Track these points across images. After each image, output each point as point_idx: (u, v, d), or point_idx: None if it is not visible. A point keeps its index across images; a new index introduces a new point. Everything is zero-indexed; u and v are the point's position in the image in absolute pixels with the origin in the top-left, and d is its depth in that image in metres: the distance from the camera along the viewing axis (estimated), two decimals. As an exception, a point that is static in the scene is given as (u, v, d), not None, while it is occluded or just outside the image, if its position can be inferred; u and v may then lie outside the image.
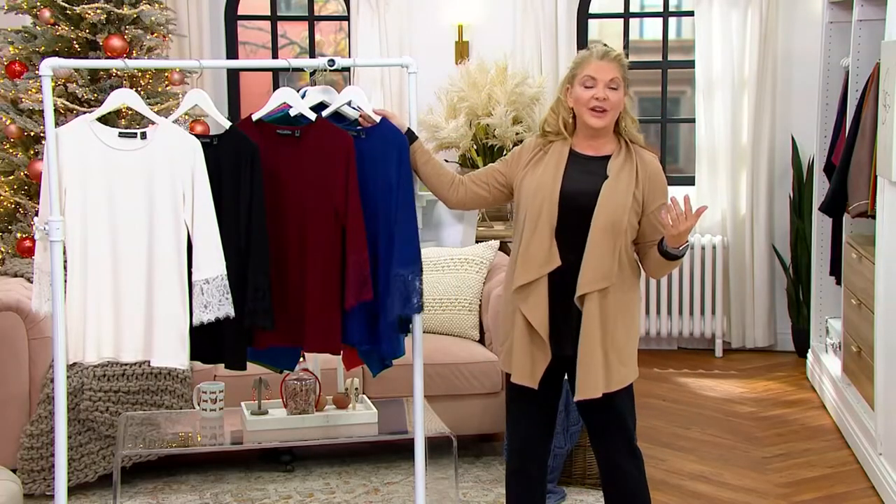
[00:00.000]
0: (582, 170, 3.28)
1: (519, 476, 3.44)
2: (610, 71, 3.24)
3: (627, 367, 3.30)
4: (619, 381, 3.28)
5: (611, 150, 3.30)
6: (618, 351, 3.25)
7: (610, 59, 3.26)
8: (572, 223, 3.21)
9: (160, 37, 5.62)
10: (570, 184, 3.25)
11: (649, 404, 5.57)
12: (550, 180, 3.26)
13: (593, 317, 3.21)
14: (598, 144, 3.31)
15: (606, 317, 3.22)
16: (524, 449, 3.41)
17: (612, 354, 3.24)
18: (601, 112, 3.25)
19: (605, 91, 3.24)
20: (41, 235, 3.33)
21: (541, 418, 3.41)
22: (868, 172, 4.81)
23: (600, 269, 3.19)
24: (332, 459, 4.77)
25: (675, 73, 6.97)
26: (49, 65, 3.30)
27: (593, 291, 3.20)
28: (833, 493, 4.47)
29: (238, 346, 3.42)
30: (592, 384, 3.22)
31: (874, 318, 4.55)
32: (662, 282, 6.62)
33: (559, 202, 3.23)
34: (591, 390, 3.23)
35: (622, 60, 3.28)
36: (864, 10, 5.28)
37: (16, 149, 5.35)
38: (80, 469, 4.36)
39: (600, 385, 3.23)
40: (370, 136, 3.47)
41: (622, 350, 3.26)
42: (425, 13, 6.69)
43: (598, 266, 3.19)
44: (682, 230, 3.13)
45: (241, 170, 3.33)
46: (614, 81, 3.24)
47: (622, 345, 3.26)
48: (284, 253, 3.41)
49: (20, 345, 4.36)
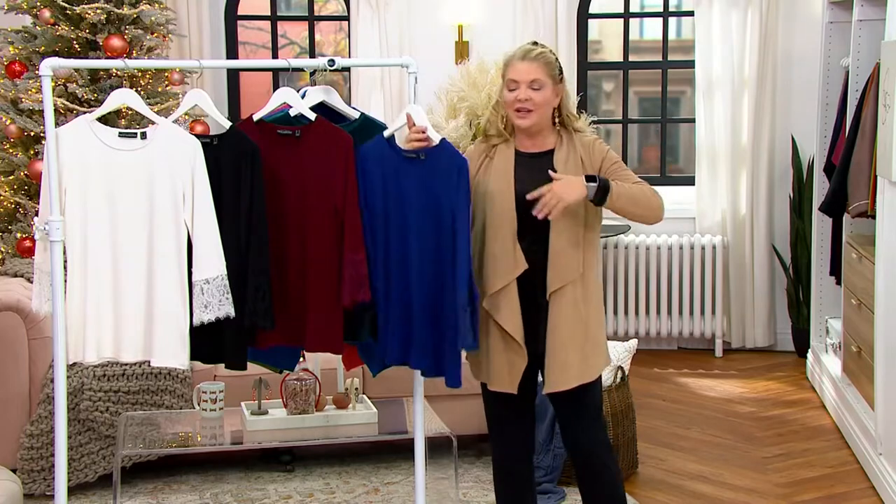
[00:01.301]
0: (530, 169, 3.26)
1: (508, 478, 3.46)
2: (531, 71, 3.21)
3: (600, 355, 3.32)
4: (597, 370, 3.30)
5: (553, 144, 3.29)
6: (592, 340, 3.26)
7: (531, 59, 3.22)
8: (532, 223, 3.20)
9: (160, 37, 5.62)
10: (522, 186, 3.23)
11: (649, 404, 5.57)
12: (503, 186, 3.25)
13: (563, 310, 3.21)
14: (538, 141, 3.30)
15: (577, 307, 3.23)
16: (510, 453, 3.43)
17: (587, 345, 3.25)
18: (525, 113, 3.23)
19: (528, 92, 3.21)
20: (41, 235, 3.33)
21: (521, 418, 3.41)
22: (868, 172, 4.81)
23: (568, 264, 3.21)
24: (332, 459, 4.77)
25: (675, 73, 6.97)
26: (49, 65, 3.30)
27: (563, 286, 3.21)
28: (833, 493, 4.47)
29: (238, 346, 3.41)
30: (564, 377, 3.23)
31: (874, 318, 4.55)
32: (662, 282, 6.62)
33: (516, 206, 3.22)
34: (563, 383, 3.24)
35: (546, 58, 3.24)
36: (864, 10, 5.28)
37: (16, 149, 5.36)
38: (80, 469, 4.36)
39: (573, 377, 3.24)
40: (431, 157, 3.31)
41: (596, 338, 3.28)
42: (425, 13, 6.69)
43: (565, 262, 3.20)
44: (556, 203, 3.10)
45: (241, 170, 3.33)
46: (536, 82, 3.21)
47: (595, 333, 3.28)
48: (285, 253, 3.41)
49: (20, 345, 4.36)
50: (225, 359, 3.44)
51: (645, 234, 6.69)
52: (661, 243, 6.63)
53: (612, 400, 4.47)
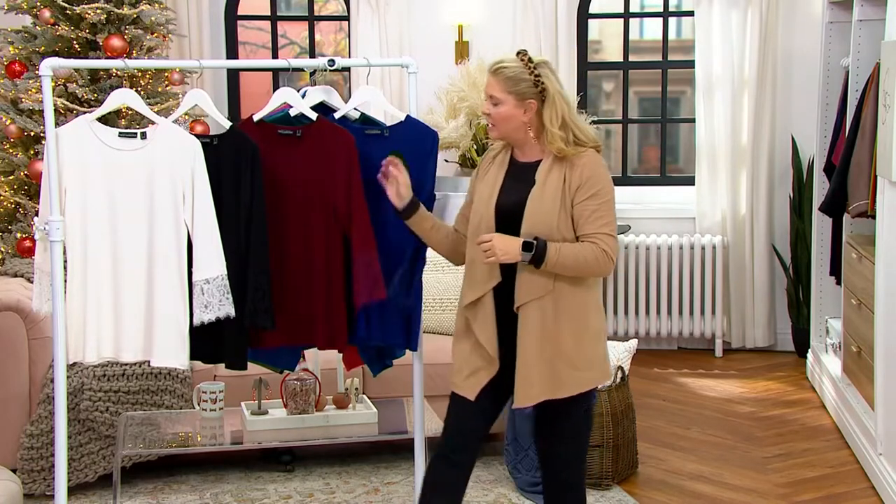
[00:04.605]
0: (516, 178, 3.21)
1: (443, 461, 3.31)
2: (490, 86, 3.17)
3: (584, 370, 3.17)
4: (576, 386, 3.18)
5: (540, 155, 3.21)
6: (566, 356, 3.15)
7: (492, 73, 3.17)
8: (510, 234, 3.13)
9: (160, 37, 5.62)
10: (504, 195, 3.20)
11: (649, 404, 5.57)
12: (488, 194, 3.21)
13: (531, 326, 3.12)
14: (526, 151, 3.23)
15: (547, 323, 3.13)
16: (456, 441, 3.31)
17: (558, 361, 3.14)
18: (490, 126, 3.21)
19: (488, 105, 3.18)
20: (41, 235, 3.33)
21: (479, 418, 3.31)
22: (868, 172, 4.81)
23: (534, 280, 3.11)
24: (332, 459, 4.77)
25: (675, 73, 6.97)
26: (49, 65, 3.30)
27: (531, 301, 3.13)
28: (833, 493, 4.47)
29: (238, 346, 3.42)
30: (525, 392, 3.15)
31: (874, 318, 4.55)
32: (662, 282, 6.63)
33: (494, 215, 3.18)
34: (524, 398, 3.16)
35: (506, 73, 3.14)
36: (864, 10, 5.28)
37: (16, 149, 5.35)
38: (80, 469, 4.36)
39: (535, 394, 3.15)
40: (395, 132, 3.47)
41: (573, 355, 3.15)
42: (425, 13, 6.69)
43: (531, 278, 3.12)
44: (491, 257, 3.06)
45: (241, 170, 3.33)
46: (493, 98, 3.16)
47: (570, 349, 3.15)
48: (286, 252, 3.41)
49: (20, 345, 4.36)
50: (225, 359, 3.45)
51: (645, 234, 6.69)
52: (661, 243, 6.63)
53: (612, 400, 4.47)
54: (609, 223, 3.14)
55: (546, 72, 3.16)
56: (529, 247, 3.07)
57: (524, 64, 3.14)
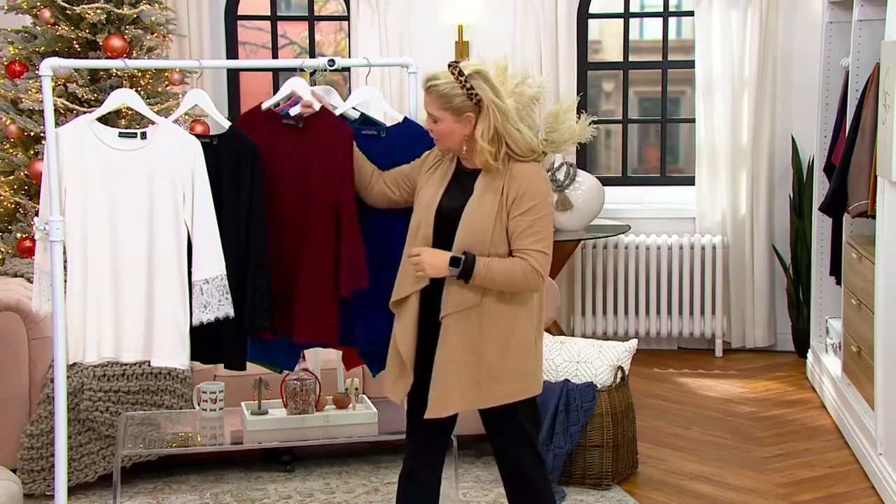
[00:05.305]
0: (459, 185, 3.19)
1: (407, 481, 3.33)
2: (427, 104, 3.13)
3: (508, 383, 3.14)
4: (496, 398, 3.15)
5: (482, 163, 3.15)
6: (488, 368, 3.11)
7: (426, 91, 3.12)
8: (447, 240, 3.12)
9: (160, 37, 5.62)
10: (445, 200, 3.17)
11: (649, 404, 5.57)
12: (431, 196, 3.19)
13: (451, 337, 3.10)
14: (470, 159, 3.19)
15: (471, 335, 3.10)
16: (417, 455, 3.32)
17: (480, 373, 3.11)
18: (437, 140, 3.18)
19: (429, 123, 3.16)
20: (41, 235, 3.34)
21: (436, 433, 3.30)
22: (868, 172, 4.81)
23: (462, 292, 3.09)
24: (332, 459, 4.77)
25: (675, 73, 6.97)
26: (49, 65, 3.31)
27: (457, 312, 3.10)
28: (833, 493, 4.47)
29: (238, 347, 3.42)
30: (441, 402, 3.13)
31: (874, 318, 4.55)
32: (662, 282, 6.62)
33: (434, 219, 3.15)
34: (440, 408, 3.13)
35: (439, 91, 3.08)
36: (864, 10, 5.28)
37: (16, 149, 5.36)
38: (80, 469, 4.36)
39: (453, 404, 3.13)
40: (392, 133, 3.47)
41: (496, 367, 3.12)
42: (425, 13, 6.69)
43: (459, 290, 3.09)
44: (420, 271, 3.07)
45: (240, 170, 3.34)
46: (431, 116, 3.13)
47: (494, 361, 3.11)
48: (284, 244, 3.41)
49: (20, 345, 4.36)
50: (224, 359, 3.45)
51: (645, 234, 6.69)
52: (661, 243, 6.63)
53: (612, 400, 4.47)
54: (542, 239, 3.10)
55: (479, 83, 3.09)
56: (457, 262, 3.05)
57: (455, 77, 3.08)
